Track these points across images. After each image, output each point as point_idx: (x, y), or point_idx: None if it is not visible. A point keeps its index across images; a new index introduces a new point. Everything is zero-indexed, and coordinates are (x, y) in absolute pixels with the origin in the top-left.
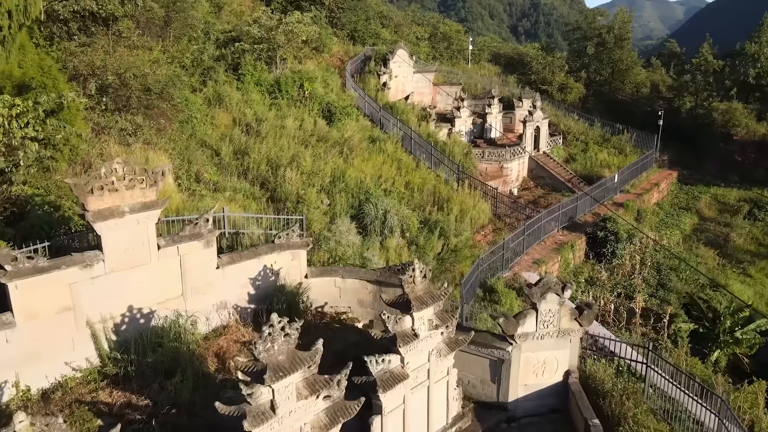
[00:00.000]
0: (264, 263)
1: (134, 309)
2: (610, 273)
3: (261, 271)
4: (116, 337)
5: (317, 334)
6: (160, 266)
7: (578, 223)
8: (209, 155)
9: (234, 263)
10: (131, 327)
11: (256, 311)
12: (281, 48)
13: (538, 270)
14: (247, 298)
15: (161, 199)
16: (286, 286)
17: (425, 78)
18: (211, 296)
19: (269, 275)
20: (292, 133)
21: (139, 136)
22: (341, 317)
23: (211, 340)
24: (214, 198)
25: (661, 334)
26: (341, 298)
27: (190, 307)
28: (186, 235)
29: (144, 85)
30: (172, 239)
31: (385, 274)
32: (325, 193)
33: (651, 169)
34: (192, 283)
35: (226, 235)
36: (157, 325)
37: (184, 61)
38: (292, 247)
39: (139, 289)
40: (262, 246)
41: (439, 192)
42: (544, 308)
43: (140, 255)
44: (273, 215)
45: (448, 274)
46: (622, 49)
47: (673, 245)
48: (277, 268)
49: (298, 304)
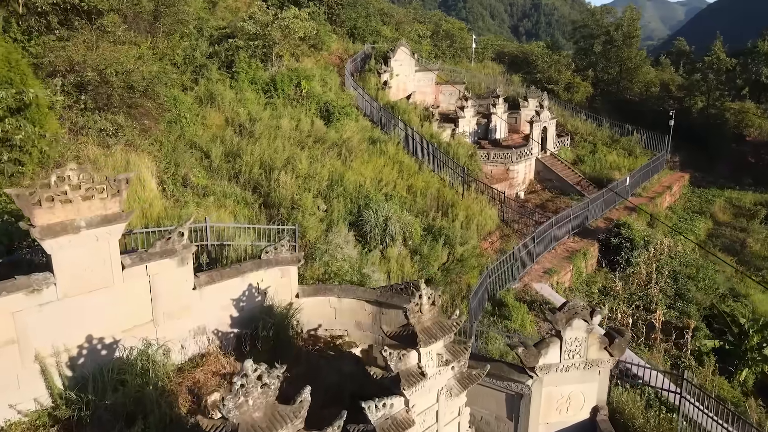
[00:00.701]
0: (249, 282)
1: (94, 339)
2: (624, 282)
3: (246, 291)
4: (72, 373)
5: (308, 364)
6: (125, 289)
7: (590, 229)
8: (199, 158)
9: (214, 283)
10: (90, 361)
11: (240, 336)
12: (277, 45)
13: (549, 280)
14: (230, 322)
15: (126, 211)
16: (275, 308)
17: (427, 77)
18: (188, 321)
19: (255, 295)
20: (287, 133)
21: (120, 137)
22: (336, 342)
23: (186, 372)
24: (201, 204)
25: (684, 351)
26: (337, 320)
27: (162, 334)
28: (156, 252)
29: (127, 83)
30: (140, 257)
31: (386, 294)
32: (321, 198)
33: (662, 172)
34: (164, 306)
35: (209, 248)
36: (122, 356)
37: (176, 59)
38: (282, 262)
39: (100, 315)
40: (247, 262)
41: (443, 196)
42: (570, 336)
43: (101, 276)
44: (263, 225)
45: (453, 285)
46: (630, 47)
47: (688, 252)
48: (264, 286)
49: (288, 327)
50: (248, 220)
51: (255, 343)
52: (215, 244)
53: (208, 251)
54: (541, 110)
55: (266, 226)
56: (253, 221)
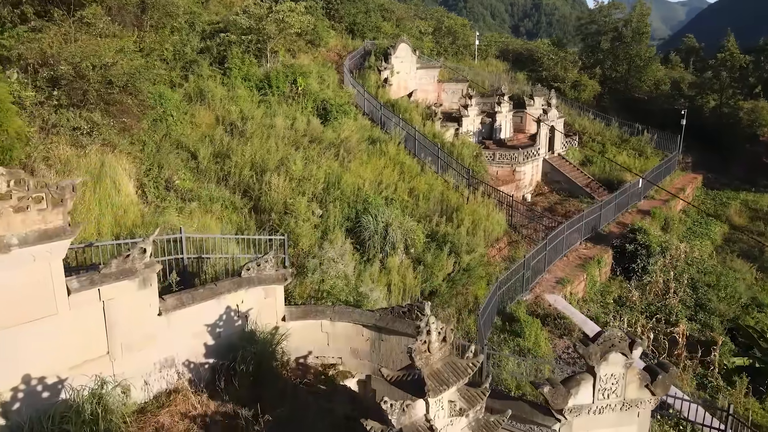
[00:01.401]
0: (227, 304)
1: (33, 380)
2: (641, 292)
3: (223, 315)
4: (4, 422)
5: (295, 402)
6: (72, 317)
7: (602, 234)
8: (185, 159)
9: (184, 306)
10: (27, 406)
11: (216, 368)
12: (272, 40)
13: (562, 291)
14: (204, 352)
15: (72, 224)
16: (257, 333)
17: (429, 74)
18: (152, 352)
19: (234, 320)
20: (281, 133)
21: (95, 137)
22: (329, 372)
23: (149, 413)
24: (185, 210)
25: (711, 370)
26: (330, 347)
27: (120, 369)
28: (111, 273)
29: (105, 77)
30: (90, 280)
31: (386, 317)
32: (317, 202)
33: (674, 173)
34: (122, 337)
35: (185, 262)
36: (69, 399)
37: (164, 54)
38: (265, 281)
39: (41, 351)
40: (224, 282)
41: (447, 200)
42: (605, 373)
43: (41, 304)
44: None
45: (459, 298)
46: (639, 43)
47: (705, 258)
48: (245, 309)
49: (272, 356)
50: (237, 226)
51: (232, 376)
52: (192, 258)
53: (184, 266)
54: (549, 109)
55: (250, 236)
56: (242, 228)
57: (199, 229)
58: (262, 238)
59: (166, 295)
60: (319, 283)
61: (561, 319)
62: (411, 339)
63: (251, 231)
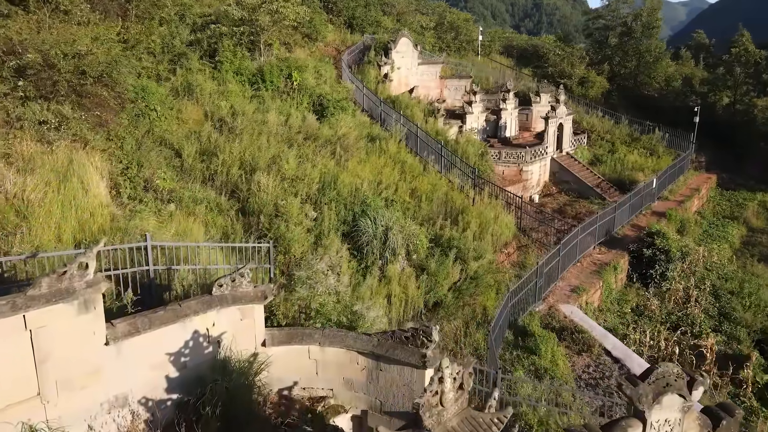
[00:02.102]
0: (194, 328)
1: None
2: (660, 300)
3: (189, 342)
4: None
5: None
6: None
7: (617, 238)
8: (168, 157)
9: (139, 333)
10: None
11: (180, 406)
12: (265, 32)
13: (578, 300)
14: (165, 386)
15: None
16: (231, 362)
17: (431, 70)
18: (98, 390)
19: (203, 347)
20: (274, 129)
21: (64, 132)
22: (318, 407)
23: None
24: (162, 213)
25: (744, 388)
26: (319, 377)
27: (56, 413)
28: (41, 295)
29: (78, 67)
30: (12, 304)
31: (385, 343)
32: (310, 204)
33: (687, 173)
34: (58, 373)
35: (151, 275)
36: None
37: (152, 46)
38: (241, 299)
39: None
40: (191, 302)
41: (452, 201)
42: (658, 418)
43: None
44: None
45: (466, 309)
46: (650, 38)
47: (725, 262)
48: (217, 333)
49: (249, 390)
50: (222, 230)
51: (195, 421)
52: (162, 269)
53: (150, 280)
54: (558, 105)
55: (231, 244)
56: (227, 232)
57: (179, 234)
58: (244, 245)
59: (118, 320)
60: (308, 299)
61: (579, 333)
62: (415, 370)
63: (237, 236)
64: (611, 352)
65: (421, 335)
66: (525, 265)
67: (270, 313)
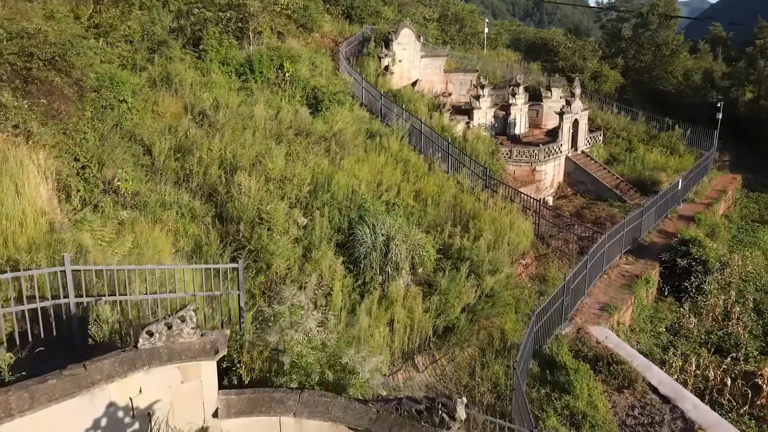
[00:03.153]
0: (108, 400)
1: None
2: (697, 317)
3: (101, 420)
4: None
5: None
6: None
7: (644, 246)
8: (137, 154)
9: (11, 418)
10: None
11: None
12: (255, 18)
13: (609, 320)
14: None
15: None
16: None
17: (435, 63)
18: None
19: (123, 425)
20: (262, 123)
21: (1, 123)
22: None
23: None
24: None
25: None
26: None
27: None
28: None
29: (24, 48)
30: None
31: (387, 418)
32: (300, 208)
33: (711, 173)
34: None
35: (72, 309)
36: None
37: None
38: (181, 355)
39: None
40: (102, 362)
41: (461, 205)
42: None
43: None
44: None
45: (482, 333)
46: (668, 29)
47: (762, 272)
48: (146, 404)
49: None
50: (194, 240)
51: None
52: (83, 304)
53: (70, 317)
54: (573, 99)
55: (181, 266)
56: (200, 243)
57: (137, 246)
58: (203, 267)
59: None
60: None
61: (617, 365)
62: None
63: (212, 246)
64: (658, 389)
65: (440, 410)
66: (546, 278)
67: (229, 364)
